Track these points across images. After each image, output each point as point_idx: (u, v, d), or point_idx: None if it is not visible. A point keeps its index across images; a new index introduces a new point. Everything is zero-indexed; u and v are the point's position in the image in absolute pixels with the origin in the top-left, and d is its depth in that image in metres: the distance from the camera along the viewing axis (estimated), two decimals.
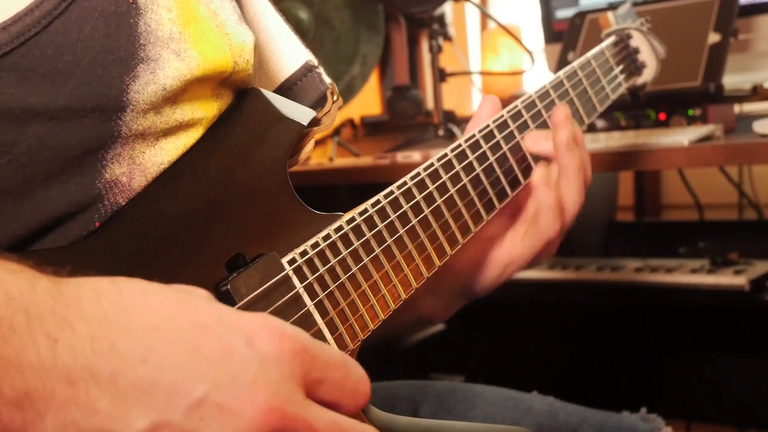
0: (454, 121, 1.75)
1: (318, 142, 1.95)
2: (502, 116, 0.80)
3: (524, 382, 1.01)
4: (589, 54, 0.94)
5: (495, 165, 0.77)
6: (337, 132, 1.90)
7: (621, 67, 1.00)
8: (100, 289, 0.40)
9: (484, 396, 0.89)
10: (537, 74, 1.94)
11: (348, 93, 1.85)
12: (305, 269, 0.59)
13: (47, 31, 0.49)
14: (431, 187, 0.70)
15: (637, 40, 1.03)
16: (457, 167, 0.73)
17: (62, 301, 0.39)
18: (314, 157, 1.87)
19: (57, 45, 0.49)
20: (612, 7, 1.63)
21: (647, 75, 1.04)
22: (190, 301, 0.42)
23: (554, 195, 0.79)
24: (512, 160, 0.79)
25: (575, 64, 0.91)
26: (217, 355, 0.40)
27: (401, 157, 1.52)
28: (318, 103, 0.68)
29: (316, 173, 1.62)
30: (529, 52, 1.77)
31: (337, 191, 1.71)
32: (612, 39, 1.00)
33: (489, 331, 1.82)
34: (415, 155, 1.50)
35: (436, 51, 1.74)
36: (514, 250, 0.81)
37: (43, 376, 0.37)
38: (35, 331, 0.37)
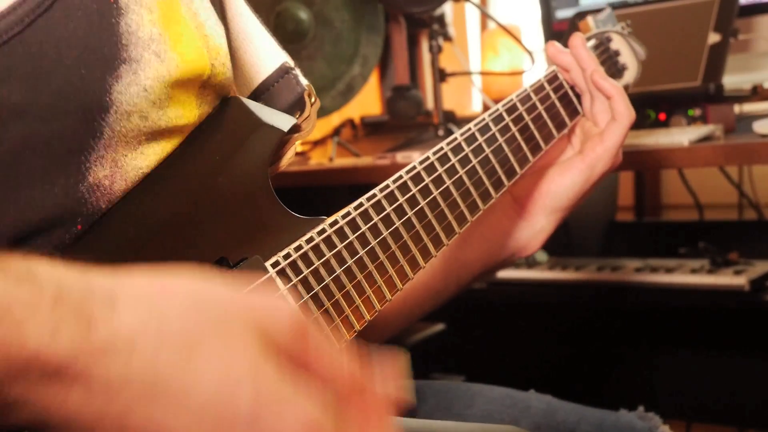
0: (454, 121, 1.75)
1: (318, 142, 1.95)
2: (484, 119, 0.81)
3: (523, 382, 1.01)
4: None
5: (477, 167, 0.77)
6: (337, 132, 1.90)
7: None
8: (137, 342, 0.38)
9: (483, 394, 0.89)
10: (537, 74, 1.94)
11: (348, 93, 1.85)
12: (288, 271, 0.59)
13: (31, 28, 0.49)
14: (414, 190, 0.70)
15: (618, 43, 1.03)
16: (440, 170, 0.73)
17: (87, 353, 0.37)
18: (314, 157, 1.87)
19: (41, 43, 0.49)
20: (611, 6, 1.63)
21: (628, 77, 1.04)
22: (233, 386, 0.39)
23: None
24: (494, 161, 0.80)
25: (554, 67, 0.92)
26: None
27: (401, 157, 1.52)
28: (295, 105, 0.67)
29: (316, 173, 1.62)
30: (529, 52, 1.77)
31: (337, 191, 1.71)
32: (592, 42, 1.01)
33: (489, 331, 1.82)
34: (415, 155, 1.50)
35: (436, 51, 1.74)
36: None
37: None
38: (50, 380, 0.37)
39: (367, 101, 2.15)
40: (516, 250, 0.93)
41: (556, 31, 1.74)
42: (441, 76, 1.76)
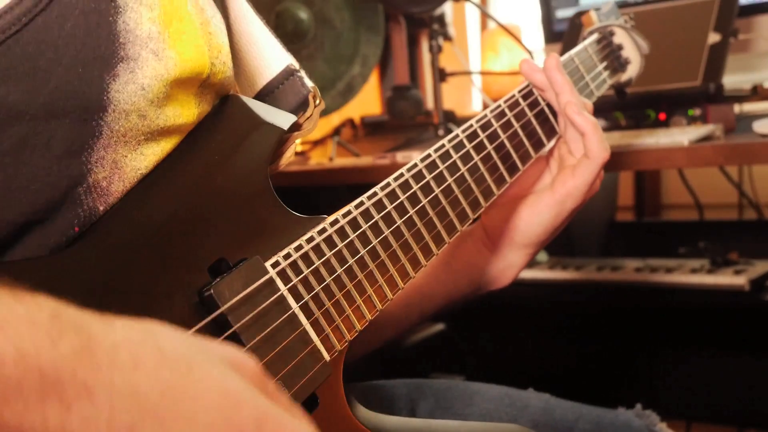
0: (454, 121, 1.75)
1: (318, 142, 1.95)
2: (486, 116, 0.80)
3: (523, 381, 1.01)
4: (572, 52, 0.94)
5: (480, 164, 0.77)
6: (337, 132, 1.90)
7: (605, 63, 0.99)
8: (140, 357, 0.37)
9: (481, 393, 0.89)
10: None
11: (348, 93, 1.85)
12: (289, 271, 0.59)
13: (28, 28, 0.49)
14: (415, 188, 0.70)
15: (621, 37, 1.03)
16: (441, 167, 0.73)
17: (89, 365, 0.35)
18: (314, 157, 1.87)
19: (38, 42, 0.49)
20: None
21: (632, 71, 1.04)
22: (236, 397, 0.39)
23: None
24: (496, 157, 0.79)
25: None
26: None
27: (401, 157, 1.52)
28: (300, 107, 0.67)
29: (316, 173, 1.62)
30: (529, 52, 1.76)
31: (337, 191, 1.71)
32: (594, 36, 1.00)
33: (489, 330, 1.83)
34: (415, 155, 1.50)
35: (436, 51, 1.74)
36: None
37: None
38: (47, 394, 0.34)
39: (367, 101, 2.15)
40: (484, 284, 0.91)
41: (556, 31, 1.74)
42: (441, 76, 1.76)
